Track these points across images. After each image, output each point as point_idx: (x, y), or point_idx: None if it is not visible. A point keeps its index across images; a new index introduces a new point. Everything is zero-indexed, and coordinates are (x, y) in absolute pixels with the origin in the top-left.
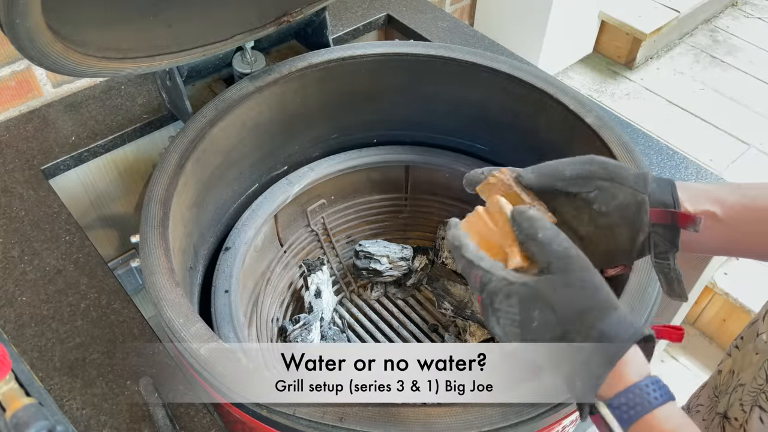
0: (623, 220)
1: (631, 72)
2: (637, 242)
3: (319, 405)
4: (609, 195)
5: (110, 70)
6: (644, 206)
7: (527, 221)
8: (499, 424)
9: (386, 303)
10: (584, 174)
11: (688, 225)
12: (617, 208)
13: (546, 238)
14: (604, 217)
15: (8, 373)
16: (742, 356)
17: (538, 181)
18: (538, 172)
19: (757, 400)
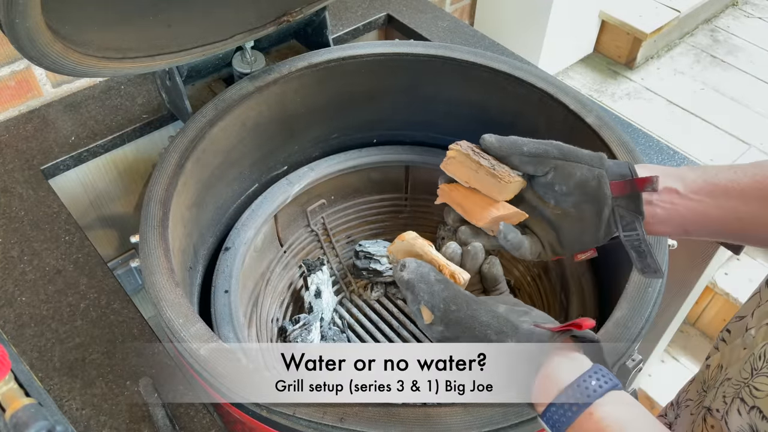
0: (586, 197)
1: (631, 72)
2: (603, 217)
3: (319, 405)
4: (566, 173)
5: (110, 70)
6: (603, 179)
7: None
8: (499, 424)
9: (386, 303)
10: (540, 152)
11: (646, 186)
12: (577, 185)
13: (427, 303)
14: (567, 197)
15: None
16: (730, 351)
17: (499, 147)
18: (499, 139)
19: (740, 392)
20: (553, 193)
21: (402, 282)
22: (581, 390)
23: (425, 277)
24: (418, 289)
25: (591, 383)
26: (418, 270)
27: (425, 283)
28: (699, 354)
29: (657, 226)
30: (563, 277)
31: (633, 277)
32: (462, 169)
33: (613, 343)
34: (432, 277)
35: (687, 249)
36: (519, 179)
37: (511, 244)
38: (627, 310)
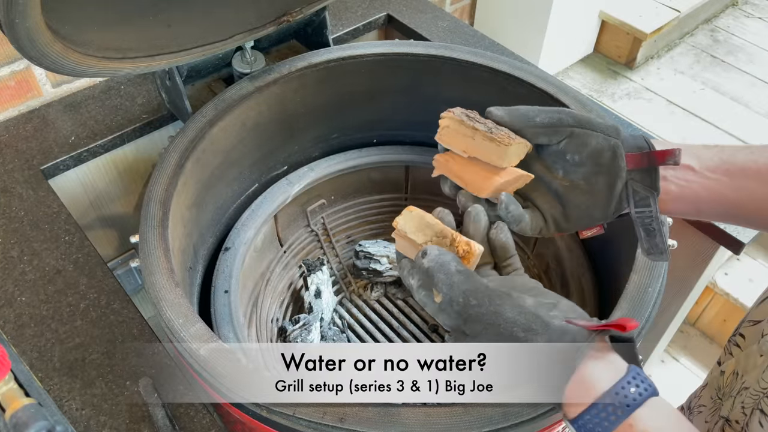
0: (599, 167)
1: (631, 72)
2: (615, 191)
3: (319, 405)
4: (580, 142)
5: (110, 70)
6: (619, 150)
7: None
8: (499, 424)
9: (386, 303)
10: (554, 121)
11: (667, 158)
12: (591, 155)
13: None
14: (578, 168)
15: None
16: (745, 357)
17: (510, 120)
18: (509, 112)
19: (759, 403)
20: (563, 163)
21: (422, 270)
22: (620, 398)
23: (445, 267)
24: (436, 279)
25: (630, 390)
26: (439, 258)
27: (444, 273)
28: (699, 354)
29: (670, 203)
30: (563, 277)
31: (633, 277)
32: (457, 137)
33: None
34: (453, 267)
35: (687, 249)
36: (522, 141)
37: (512, 216)
38: (627, 310)
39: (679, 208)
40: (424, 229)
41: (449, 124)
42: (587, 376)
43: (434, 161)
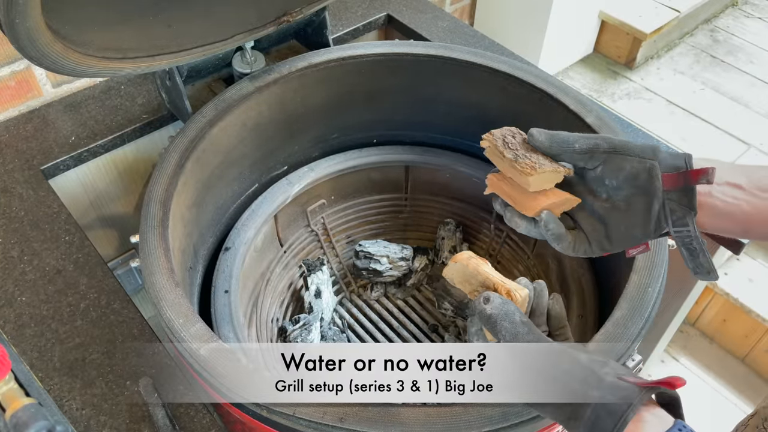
0: (637, 190)
1: (631, 72)
2: (653, 211)
3: (319, 405)
4: (616, 166)
5: (110, 70)
6: (654, 171)
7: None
8: (499, 424)
9: (386, 303)
10: (591, 147)
11: (700, 178)
12: (627, 178)
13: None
14: (618, 191)
15: (8, 373)
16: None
17: (550, 146)
18: (550, 137)
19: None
20: (604, 187)
21: (484, 316)
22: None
23: (510, 316)
24: (500, 327)
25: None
26: (503, 307)
27: (509, 323)
28: (698, 354)
29: (715, 219)
30: (563, 277)
31: (633, 277)
32: (495, 159)
33: (613, 343)
34: (517, 318)
35: None
36: (553, 168)
37: (552, 234)
38: (627, 310)
39: (725, 225)
40: (469, 279)
41: (488, 146)
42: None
43: (487, 179)
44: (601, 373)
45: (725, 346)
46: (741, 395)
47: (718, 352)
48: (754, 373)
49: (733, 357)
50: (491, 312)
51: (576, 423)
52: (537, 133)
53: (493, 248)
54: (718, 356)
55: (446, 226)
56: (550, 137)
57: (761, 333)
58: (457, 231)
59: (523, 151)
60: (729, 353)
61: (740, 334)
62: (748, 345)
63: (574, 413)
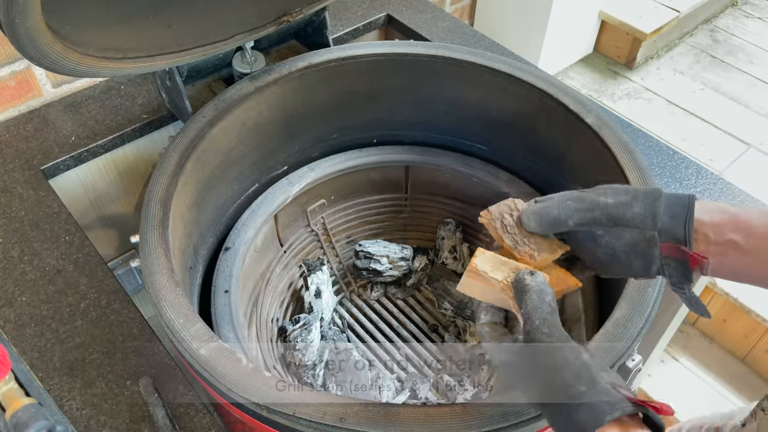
0: (635, 254)
1: (631, 72)
2: (652, 271)
3: (319, 405)
4: (615, 235)
5: (110, 70)
6: (653, 241)
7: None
8: (499, 424)
9: (386, 303)
10: (587, 221)
11: (696, 268)
12: (626, 245)
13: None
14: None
15: (8, 373)
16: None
17: (543, 230)
18: (539, 221)
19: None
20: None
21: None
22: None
23: (541, 294)
24: (528, 297)
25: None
26: (542, 285)
27: (538, 297)
28: (699, 354)
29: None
30: None
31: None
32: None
33: (613, 343)
34: (548, 298)
35: None
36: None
37: None
38: (627, 310)
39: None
40: (500, 267)
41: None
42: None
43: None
44: (597, 375)
45: (725, 346)
46: (741, 395)
47: (718, 352)
48: (753, 373)
49: (733, 357)
50: (529, 283)
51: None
52: (527, 219)
53: (493, 248)
54: (718, 356)
55: (446, 226)
56: (540, 220)
57: (761, 333)
58: (457, 231)
59: (521, 236)
60: (729, 353)
61: (740, 334)
62: (748, 345)
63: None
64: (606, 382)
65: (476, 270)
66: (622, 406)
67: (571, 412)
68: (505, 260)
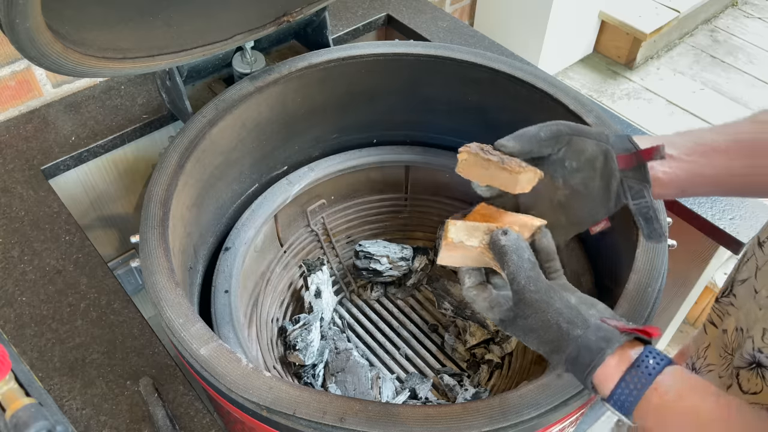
0: (594, 172)
1: (631, 72)
2: (612, 190)
3: (319, 405)
4: (577, 149)
5: (110, 70)
6: (610, 154)
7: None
8: (499, 423)
9: (386, 303)
10: (555, 133)
11: (654, 155)
12: (587, 160)
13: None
14: (576, 174)
15: (8, 373)
16: (745, 314)
17: (521, 148)
18: (519, 140)
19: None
20: (562, 171)
21: (497, 246)
22: (641, 369)
23: (520, 251)
24: (508, 258)
25: (649, 362)
26: (516, 242)
27: (518, 256)
28: None
29: (659, 189)
30: None
31: (633, 277)
32: (475, 169)
33: None
34: (526, 254)
35: (687, 249)
36: (532, 169)
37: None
38: (627, 310)
39: (667, 192)
40: (474, 233)
41: (467, 158)
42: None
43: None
44: (587, 315)
45: None
46: None
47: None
48: None
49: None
50: (505, 243)
51: (559, 356)
52: (506, 141)
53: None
54: None
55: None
56: (518, 138)
57: None
58: None
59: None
60: None
61: None
62: None
63: (557, 347)
64: (596, 318)
65: (452, 241)
66: (617, 339)
67: (575, 356)
68: (476, 225)
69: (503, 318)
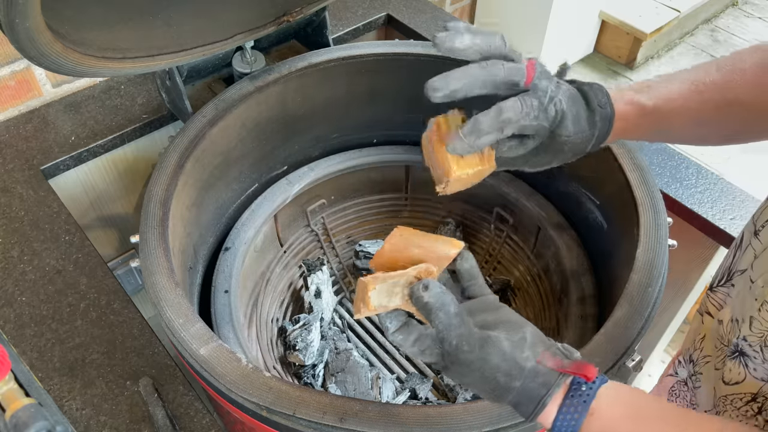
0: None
1: (631, 72)
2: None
3: (319, 405)
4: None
5: (110, 70)
6: None
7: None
8: (499, 424)
9: None
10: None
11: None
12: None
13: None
14: None
15: (8, 373)
16: (741, 304)
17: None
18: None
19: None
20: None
21: (420, 303)
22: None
23: (446, 307)
24: (435, 316)
25: (582, 389)
26: (441, 297)
27: (444, 313)
28: None
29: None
30: (563, 277)
31: (633, 277)
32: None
33: (613, 343)
34: (452, 309)
35: (687, 249)
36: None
37: None
38: (627, 310)
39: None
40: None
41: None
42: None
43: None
44: (522, 360)
45: None
46: None
47: None
48: None
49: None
50: (428, 300)
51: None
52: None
53: (493, 248)
54: None
55: (446, 226)
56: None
57: None
58: (457, 231)
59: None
60: None
61: None
62: None
63: (497, 397)
64: (531, 361)
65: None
66: (556, 383)
67: (515, 404)
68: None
69: (436, 362)
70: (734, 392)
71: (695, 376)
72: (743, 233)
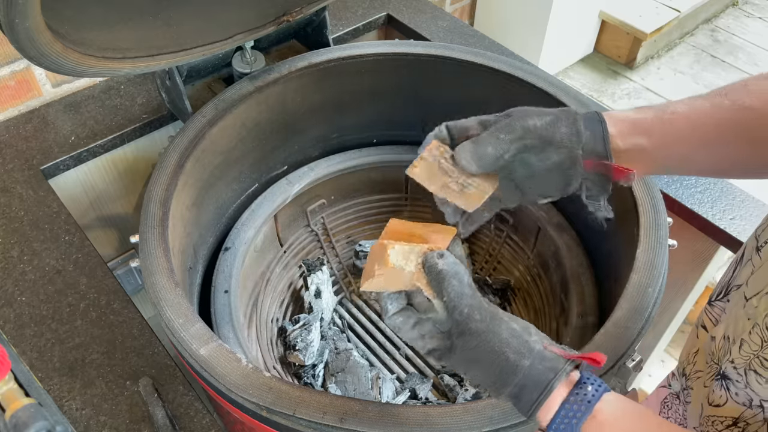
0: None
1: (631, 72)
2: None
3: (319, 405)
4: (544, 156)
5: (110, 70)
6: (578, 161)
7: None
8: (499, 424)
9: None
10: (521, 150)
11: (621, 179)
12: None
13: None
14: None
15: (7, 373)
16: (734, 322)
17: (481, 170)
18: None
19: (751, 364)
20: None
21: (434, 271)
22: (580, 396)
23: (459, 276)
24: (448, 283)
25: (587, 388)
26: (454, 266)
27: (458, 281)
28: None
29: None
30: (563, 277)
31: (633, 277)
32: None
33: (613, 343)
34: (466, 279)
35: (687, 249)
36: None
37: None
38: (627, 310)
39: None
40: (409, 256)
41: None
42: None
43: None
44: (531, 342)
45: None
46: None
47: None
48: None
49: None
50: (442, 267)
51: (502, 389)
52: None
53: (493, 248)
54: None
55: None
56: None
57: None
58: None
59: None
60: None
61: None
62: None
63: (502, 379)
64: (539, 345)
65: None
66: (564, 368)
67: (521, 387)
68: (411, 247)
69: (437, 347)
70: (716, 414)
71: (686, 390)
72: (745, 247)
